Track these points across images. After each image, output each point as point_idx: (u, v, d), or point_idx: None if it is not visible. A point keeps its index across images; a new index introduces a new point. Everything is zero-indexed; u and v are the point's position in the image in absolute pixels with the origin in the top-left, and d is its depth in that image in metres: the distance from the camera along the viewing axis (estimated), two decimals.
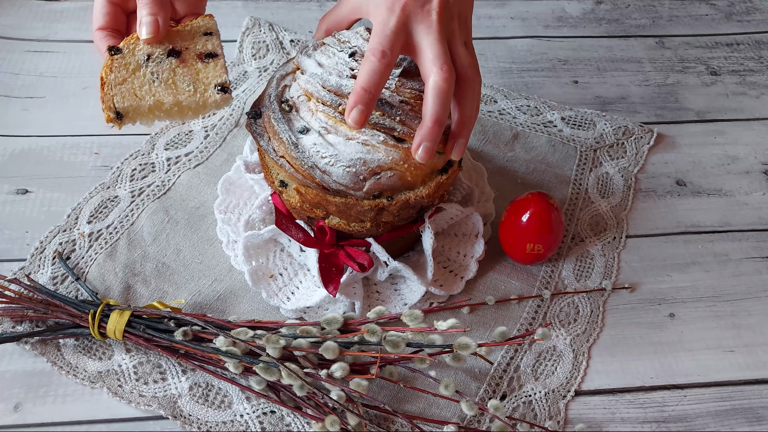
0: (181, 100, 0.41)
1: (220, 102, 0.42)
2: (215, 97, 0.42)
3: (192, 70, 0.43)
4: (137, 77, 0.42)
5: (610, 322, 0.52)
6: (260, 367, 0.43)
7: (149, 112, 0.42)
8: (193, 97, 0.42)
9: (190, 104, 0.42)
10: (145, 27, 0.42)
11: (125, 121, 0.42)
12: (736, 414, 0.47)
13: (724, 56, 0.74)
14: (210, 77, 0.43)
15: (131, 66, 0.42)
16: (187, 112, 0.42)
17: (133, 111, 0.41)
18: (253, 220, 0.52)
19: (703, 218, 0.59)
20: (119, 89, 0.41)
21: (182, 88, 0.42)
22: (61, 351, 0.47)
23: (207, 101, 0.42)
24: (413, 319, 0.43)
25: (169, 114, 0.42)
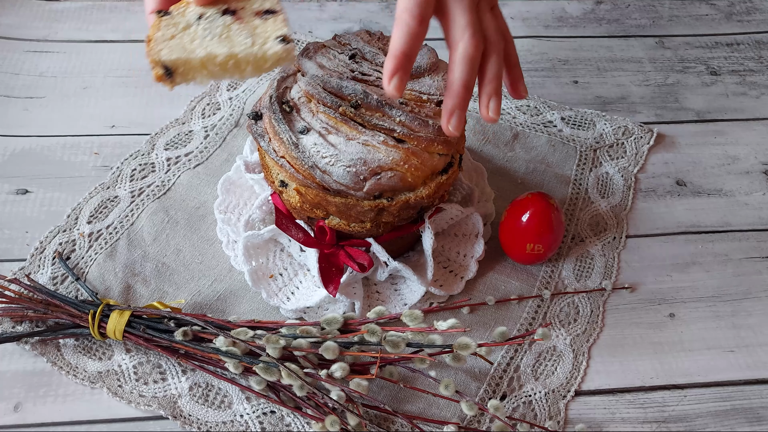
0: (237, 52, 0.37)
1: (282, 54, 0.37)
2: (276, 48, 0.37)
3: (249, 26, 0.38)
4: (187, 34, 0.38)
5: (610, 322, 0.52)
6: (260, 367, 0.43)
7: (201, 67, 0.37)
8: (251, 49, 0.37)
9: (247, 57, 0.37)
10: None
11: (177, 78, 0.37)
12: (736, 414, 0.47)
13: (725, 56, 0.74)
14: (269, 31, 0.38)
15: (181, 25, 0.38)
16: (245, 68, 0.37)
17: (183, 65, 0.37)
18: (253, 220, 0.52)
19: (703, 218, 0.59)
20: (167, 44, 0.37)
21: (238, 41, 0.37)
22: (61, 351, 0.47)
23: (267, 53, 0.37)
24: (413, 319, 0.43)
25: (225, 69, 0.37)
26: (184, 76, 0.37)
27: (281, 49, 0.37)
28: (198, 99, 0.65)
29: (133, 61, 0.68)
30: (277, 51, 0.37)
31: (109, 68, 0.67)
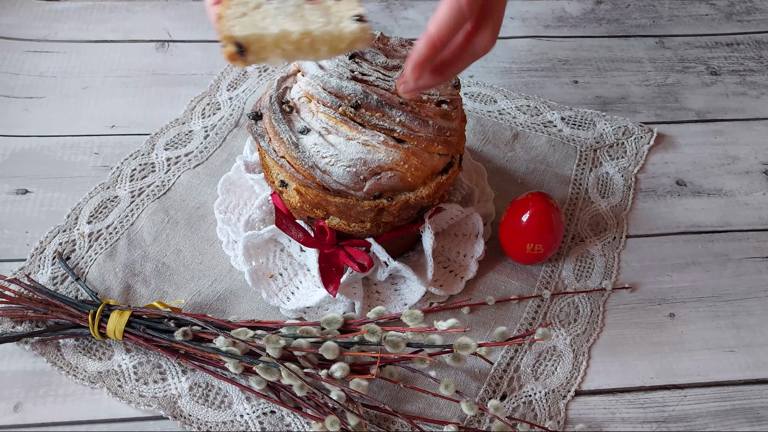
0: (312, 29, 0.35)
1: (359, 33, 0.35)
2: (353, 27, 0.35)
3: (322, 7, 0.37)
4: (259, 12, 0.36)
5: (610, 322, 0.52)
6: (260, 367, 0.43)
7: (275, 45, 0.35)
8: (327, 27, 0.35)
9: (323, 35, 0.35)
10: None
11: (249, 57, 0.35)
12: (736, 414, 0.47)
13: (725, 56, 0.74)
14: (344, 11, 0.37)
15: (251, 4, 0.37)
16: (320, 47, 0.36)
17: (256, 42, 0.35)
18: (253, 220, 0.52)
19: (703, 218, 0.59)
20: (238, 21, 0.35)
21: (312, 19, 0.36)
22: (61, 351, 0.47)
23: (343, 31, 0.35)
24: (413, 319, 0.43)
25: (300, 48, 0.35)
26: (257, 55, 0.35)
27: (358, 28, 0.35)
28: (198, 99, 0.65)
29: (133, 61, 0.68)
30: (354, 30, 0.35)
31: (109, 68, 0.68)
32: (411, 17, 0.76)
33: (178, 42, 0.71)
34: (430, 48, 0.36)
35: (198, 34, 0.72)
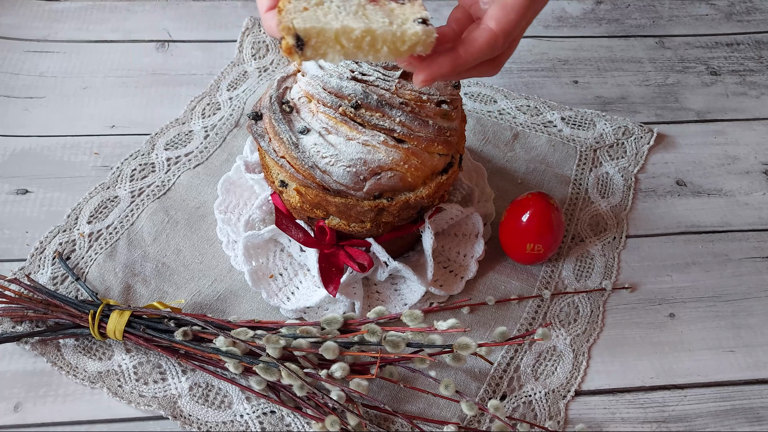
0: (375, 28, 0.34)
1: (422, 35, 0.34)
2: (415, 29, 0.34)
3: (385, 9, 0.36)
4: (321, 9, 0.35)
5: (610, 322, 0.52)
6: (260, 367, 0.43)
7: (335, 41, 0.34)
8: (389, 27, 0.34)
9: (384, 35, 0.34)
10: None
11: (307, 51, 0.34)
12: (736, 414, 0.47)
13: (724, 56, 0.74)
14: (407, 13, 0.36)
15: (313, 1, 0.35)
16: (381, 47, 0.34)
17: (317, 36, 0.34)
18: (253, 220, 0.52)
19: (704, 218, 0.59)
20: (300, 14, 0.34)
21: (375, 18, 0.35)
22: (61, 351, 0.47)
23: (406, 33, 0.34)
24: (413, 319, 0.43)
25: (360, 47, 0.34)
26: (316, 50, 0.34)
27: (421, 30, 0.35)
28: (198, 99, 0.65)
29: (133, 61, 0.68)
30: (416, 31, 0.34)
31: (109, 68, 0.68)
32: None
33: (178, 42, 0.71)
34: (452, 70, 0.36)
35: (198, 34, 0.72)
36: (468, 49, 0.36)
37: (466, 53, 0.36)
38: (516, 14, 0.36)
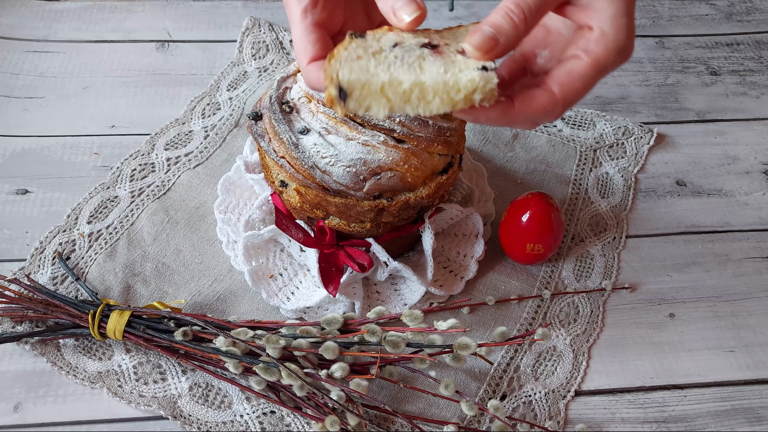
0: (424, 80, 0.32)
1: (479, 82, 0.32)
2: (471, 75, 0.32)
3: (447, 59, 0.33)
4: (376, 58, 0.33)
5: (610, 322, 0.52)
6: (260, 368, 0.43)
7: (381, 93, 0.32)
8: (443, 76, 0.32)
9: (436, 85, 0.32)
10: (405, 7, 0.33)
11: (350, 103, 0.32)
12: (736, 414, 0.47)
13: (724, 56, 0.74)
14: (470, 63, 0.33)
15: (372, 48, 0.34)
16: (433, 98, 0.32)
17: (360, 88, 0.32)
18: (253, 220, 0.52)
19: (703, 218, 0.59)
20: (349, 64, 0.32)
21: (429, 69, 0.32)
22: (61, 351, 0.47)
23: (459, 81, 0.32)
24: (413, 320, 0.43)
25: (407, 99, 0.32)
26: (359, 102, 0.32)
27: (478, 76, 0.31)
28: (198, 99, 0.65)
29: (133, 61, 0.68)
30: (473, 78, 0.31)
31: (109, 68, 0.68)
32: None
33: (178, 42, 0.71)
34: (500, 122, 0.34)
35: (198, 34, 0.72)
36: (524, 107, 0.33)
37: (521, 110, 0.34)
38: (581, 84, 0.34)
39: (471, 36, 0.33)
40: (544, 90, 0.34)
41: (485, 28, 0.32)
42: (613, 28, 0.33)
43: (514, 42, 0.33)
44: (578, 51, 0.34)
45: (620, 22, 0.33)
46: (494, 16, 0.33)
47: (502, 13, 0.32)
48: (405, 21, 0.34)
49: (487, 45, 0.32)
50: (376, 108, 0.32)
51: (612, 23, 0.33)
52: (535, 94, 0.34)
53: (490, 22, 0.32)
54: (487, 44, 0.32)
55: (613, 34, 0.33)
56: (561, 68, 0.34)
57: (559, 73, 0.34)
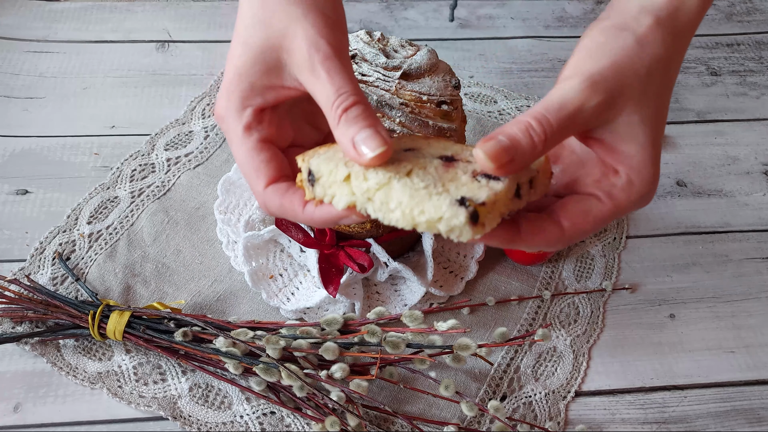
0: (393, 186, 0.28)
1: (444, 213, 0.27)
2: (440, 203, 0.27)
3: (447, 175, 0.29)
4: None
5: (611, 322, 0.51)
6: (260, 368, 0.42)
7: (345, 184, 0.29)
8: (411, 190, 0.28)
9: (401, 197, 0.28)
10: (369, 140, 0.29)
11: (316, 189, 0.30)
12: (736, 415, 0.47)
13: (725, 56, 0.74)
14: (462, 190, 0.28)
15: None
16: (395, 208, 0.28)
17: (327, 174, 0.30)
18: (253, 220, 0.52)
19: (704, 219, 0.59)
20: (331, 154, 0.31)
21: (413, 179, 0.28)
22: (61, 351, 0.47)
23: (425, 205, 0.27)
24: (413, 320, 0.43)
25: (369, 198, 0.29)
26: (324, 189, 0.30)
27: (447, 208, 0.27)
28: (198, 99, 0.65)
29: (133, 62, 0.68)
30: (439, 206, 0.27)
31: (109, 68, 0.67)
32: (411, 17, 0.76)
33: (178, 42, 0.71)
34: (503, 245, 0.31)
35: (198, 35, 0.72)
36: (529, 237, 0.31)
37: (526, 238, 0.31)
38: (594, 226, 0.31)
39: (485, 142, 0.29)
40: (553, 223, 0.31)
41: (501, 137, 0.29)
42: (640, 177, 0.31)
43: (528, 162, 0.29)
44: (600, 192, 0.32)
45: (648, 171, 0.31)
46: (513, 129, 0.29)
47: (521, 128, 0.29)
48: (366, 157, 0.28)
49: (501, 157, 0.28)
50: (338, 198, 0.29)
51: (640, 173, 0.31)
52: (545, 227, 0.31)
53: (508, 133, 0.29)
54: (501, 156, 0.28)
55: (639, 185, 0.31)
56: (577, 205, 0.32)
57: (575, 210, 0.32)
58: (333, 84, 0.30)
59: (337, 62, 0.31)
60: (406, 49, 0.49)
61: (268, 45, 0.32)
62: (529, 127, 0.29)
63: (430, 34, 0.74)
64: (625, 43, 0.31)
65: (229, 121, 0.33)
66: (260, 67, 0.32)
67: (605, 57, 0.31)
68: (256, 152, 0.32)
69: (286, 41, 0.31)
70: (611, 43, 0.31)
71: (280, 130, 0.34)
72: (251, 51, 0.32)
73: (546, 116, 0.29)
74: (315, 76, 0.31)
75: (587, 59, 0.31)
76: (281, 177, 0.32)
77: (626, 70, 0.31)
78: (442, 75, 0.48)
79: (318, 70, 0.30)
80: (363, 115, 0.30)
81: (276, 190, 0.32)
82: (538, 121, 0.29)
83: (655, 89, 0.32)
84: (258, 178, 0.32)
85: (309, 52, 0.31)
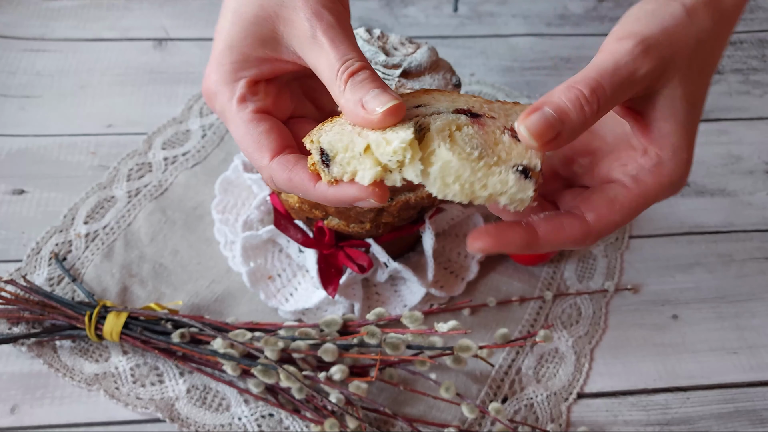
0: (443, 155, 0.26)
1: (511, 187, 0.26)
2: (506, 178, 0.26)
3: (489, 138, 0.27)
4: None
5: (613, 323, 0.51)
6: (258, 370, 0.42)
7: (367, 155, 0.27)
8: (472, 163, 0.26)
9: (460, 167, 0.26)
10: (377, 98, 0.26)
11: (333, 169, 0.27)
12: (739, 416, 0.46)
13: (728, 55, 0.73)
14: (513, 155, 0.27)
15: None
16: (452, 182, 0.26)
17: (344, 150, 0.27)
18: (252, 220, 0.52)
19: (707, 218, 0.58)
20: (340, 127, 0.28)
21: (458, 145, 0.26)
22: (58, 353, 0.47)
23: (488, 177, 0.26)
24: (413, 321, 0.43)
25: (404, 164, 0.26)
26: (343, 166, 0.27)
27: (513, 181, 0.26)
28: (196, 98, 0.64)
29: (130, 60, 0.68)
30: (505, 180, 0.26)
31: (106, 67, 0.67)
32: (411, 14, 0.76)
33: (175, 40, 0.70)
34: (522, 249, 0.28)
35: (196, 32, 0.71)
36: (549, 237, 0.28)
37: (545, 239, 0.28)
38: (622, 217, 0.28)
39: (528, 116, 0.26)
40: (575, 219, 0.28)
41: (547, 110, 0.26)
42: (674, 160, 0.28)
43: (575, 137, 0.26)
44: (625, 177, 0.28)
45: (683, 155, 0.28)
46: (561, 98, 0.26)
47: (571, 96, 0.26)
48: (377, 112, 0.26)
49: (547, 134, 0.25)
50: (362, 173, 0.27)
51: (675, 155, 0.28)
52: (564, 224, 0.28)
53: (555, 104, 0.26)
54: (547, 133, 0.25)
55: (671, 168, 0.28)
56: (601, 195, 0.29)
57: (599, 201, 0.28)
58: (337, 51, 0.28)
59: (340, 31, 0.28)
60: (406, 47, 0.48)
61: (262, 14, 0.29)
62: (581, 96, 0.26)
63: (431, 32, 0.74)
64: (675, 11, 0.28)
65: (221, 95, 0.30)
66: (254, 38, 0.29)
67: (656, 22, 0.28)
68: (254, 124, 0.29)
69: (284, 11, 0.29)
70: (660, 9, 0.28)
71: (278, 101, 0.31)
72: (243, 21, 0.29)
73: (600, 83, 0.26)
74: (317, 45, 0.28)
75: (636, 23, 0.28)
76: (286, 148, 0.29)
77: (678, 37, 0.28)
78: (443, 73, 0.47)
79: (320, 39, 0.28)
80: (370, 79, 0.27)
81: (283, 163, 0.29)
82: (591, 90, 0.26)
83: (699, 66, 0.29)
84: (260, 150, 0.29)
85: (310, 21, 0.28)
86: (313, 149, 0.28)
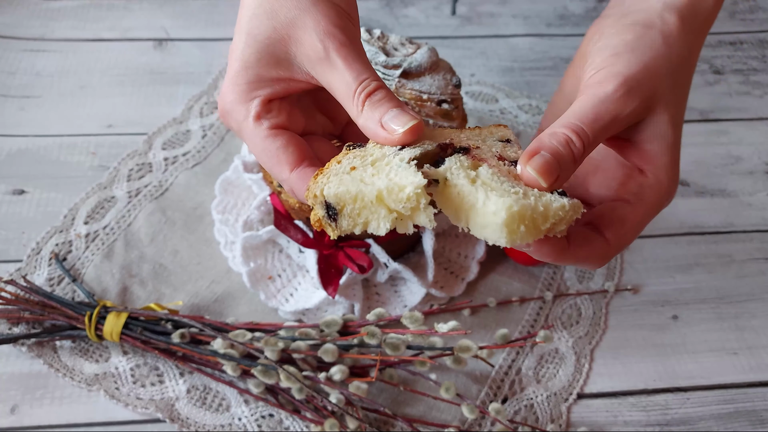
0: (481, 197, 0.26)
1: (569, 211, 0.27)
2: (562, 201, 0.26)
3: (502, 171, 0.28)
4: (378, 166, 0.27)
5: (613, 324, 0.51)
6: (258, 370, 0.42)
7: (379, 203, 0.26)
8: (522, 199, 0.26)
9: (519, 210, 0.25)
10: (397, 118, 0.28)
11: (342, 223, 0.27)
12: (739, 417, 0.46)
13: (728, 55, 0.73)
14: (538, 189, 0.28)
15: (371, 157, 0.28)
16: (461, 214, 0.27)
17: (352, 201, 0.26)
18: (252, 220, 0.52)
19: (707, 219, 0.58)
20: (339, 177, 0.27)
21: (501, 188, 0.26)
22: (58, 353, 0.47)
23: (550, 207, 0.26)
24: (413, 321, 0.43)
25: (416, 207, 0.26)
26: (353, 218, 0.26)
27: (569, 204, 0.26)
28: (196, 98, 0.64)
29: (130, 60, 0.68)
30: (563, 205, 0.26)
31: (106, 67, 0.67)
32: (411, 15, 0.76)
33: (175, 40, 0.70)
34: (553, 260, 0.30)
35: (196, 33, 0.71)
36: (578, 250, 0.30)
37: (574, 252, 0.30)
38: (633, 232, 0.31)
39: (529, 159, 0.28)
40: (599, 236, 0.31)
41: (544, 154, 0.28)
42: (668, 177, 0.31)
43: (570, 175, 0.29)
44: (629, 195, 0.31)
45: (674, 171, 0.32)
46: (552, 143, 0.28)
47: (561, 141, 0.28)
48: (398, 132, 0.28)
49: (553, 172, 0.27)
50: (375, 223, 0.26)
51: (668, 172, 0.31)
52: (592, 240, 0.30)
53: (550, 148, 0.28)
54: (552, 171, 0.27)
55: (667, 184, 0.32)
56: (612, 213, 0.31)
57: (611, 219, 0.31)
58: (352, 71, 0.29)
59: (352, 49, 0.29)
60: (406, 48, 0.48)
61: (275, 36, 0.30)
62: (569, 141, 0.28)
63: (431, 32, 0.74)
64: (654, 43, 0.31)
65: (237, 114, 0.31)
66: (267, 59, 0.30)
67: (636, 58, 0.30)
68: (271, 140, 0.30)
69: (296, 32, 0.30)
70: (639, 42, 0.31)
71: (291, 117, 0.32)
72: (257, 43, 0.31)
73: (583, 129, 0.29)
74: (330, 65, 0.29)
75: (617, 60, 0.30)
76: (304, 160, 0.30)
77: (657, 70, 0.30)
78: (443, 73, 0.47)
79: (334, 59, 0.29)
80: (387, 98, 0.29)
81: (302, 175, 0.30)
82: (576, 134, 0.29)
83: (679, 88, 0.32)
84: (280, 164, 0.30)
85: (322, 41, 0.29)
86: (317, 204, 0.27)
